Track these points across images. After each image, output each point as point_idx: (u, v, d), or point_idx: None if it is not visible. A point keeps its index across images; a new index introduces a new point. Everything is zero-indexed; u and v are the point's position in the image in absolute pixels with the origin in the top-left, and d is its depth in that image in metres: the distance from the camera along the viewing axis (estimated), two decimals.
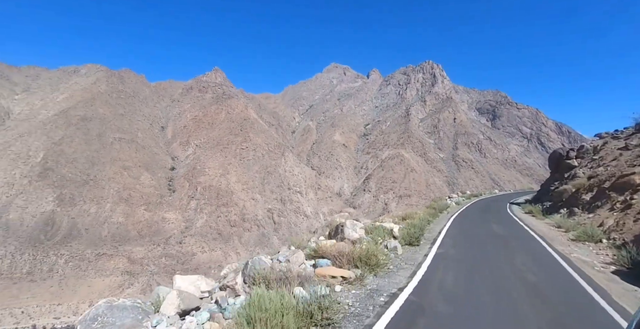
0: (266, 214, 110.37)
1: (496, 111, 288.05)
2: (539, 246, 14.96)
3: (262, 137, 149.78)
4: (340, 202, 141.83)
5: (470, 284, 9.08)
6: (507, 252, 13.53)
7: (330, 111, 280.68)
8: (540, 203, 30.83)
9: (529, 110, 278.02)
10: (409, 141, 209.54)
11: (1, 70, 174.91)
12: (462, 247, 14.35)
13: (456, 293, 8.20)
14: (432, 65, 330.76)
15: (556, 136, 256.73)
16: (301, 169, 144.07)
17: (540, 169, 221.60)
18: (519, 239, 16.57)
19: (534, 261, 12.00)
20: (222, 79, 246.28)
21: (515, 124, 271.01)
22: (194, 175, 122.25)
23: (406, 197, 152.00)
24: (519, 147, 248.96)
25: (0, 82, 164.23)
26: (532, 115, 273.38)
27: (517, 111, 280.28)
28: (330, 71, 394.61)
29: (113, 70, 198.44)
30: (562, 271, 10.75)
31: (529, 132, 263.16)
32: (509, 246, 14.77)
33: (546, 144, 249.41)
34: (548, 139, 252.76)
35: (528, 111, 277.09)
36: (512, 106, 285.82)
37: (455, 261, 11.89)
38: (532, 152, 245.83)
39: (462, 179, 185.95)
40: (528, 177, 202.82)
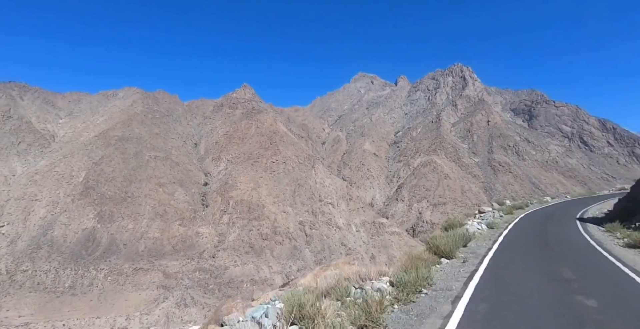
0: (298, 226, 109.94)
1: (532, 110, 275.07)
2: None
3: (291, 150, 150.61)
4: (373, 212, 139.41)
5: None
6: None
7: (359, 121, 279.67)
8: (635, 220, 20.01)
9: (568, 108, 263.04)
10: (442, 147, 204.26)
11: (47, 97, 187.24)
12: None
13: None
14: (462, 68, 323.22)
15: (600, 133, 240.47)
16: (332, 180, 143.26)
17: (585, 169, 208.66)
18: None
19: None
20: (251, 95, 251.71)
21: (554, 123, 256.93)
22: (226, 190, 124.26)
23: (441, 205, 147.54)
24: (559, 147, 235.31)
25: (47, 109, 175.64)
26: (572, 113, 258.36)
27: (555, 109, 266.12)
28: (358, 81, 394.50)
29: (148, 92, 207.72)
30: None
31: (569, 131, 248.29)
32: None
33: (589, 143, 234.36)
34: (591, 138, 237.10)
35: (567, 109, 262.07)
36: (550, 105, 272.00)
37: None
38: (574, 152, 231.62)
39: (500, 184, 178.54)
40: (572, 179, 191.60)
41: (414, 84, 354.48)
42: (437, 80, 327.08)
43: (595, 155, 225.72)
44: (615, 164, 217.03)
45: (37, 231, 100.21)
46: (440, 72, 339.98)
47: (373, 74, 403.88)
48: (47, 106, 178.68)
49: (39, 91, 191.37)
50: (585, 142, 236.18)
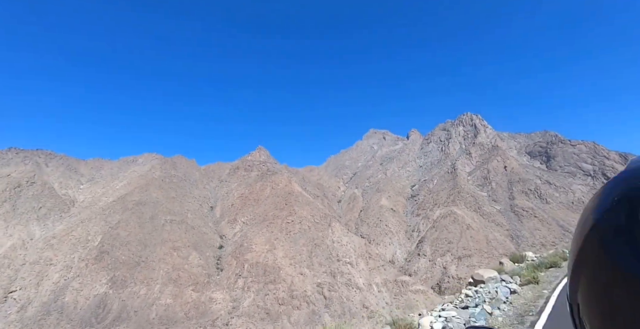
0: (316, 289, 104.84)
1: (549, 151, 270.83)
2: None
3: (307, 210, 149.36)
4: (394, 270, 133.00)
5: None
6: None
7: (374, 177, 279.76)
8: None
9: (585, 145, 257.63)
10: (460, 197, 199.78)
11: (71, 164, 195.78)
12: None
13: None
14: (471, 116, 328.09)
15: (623, 167, 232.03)
16: (349, 238, 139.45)
17: None
18: None
19: None
20: (265, 156, 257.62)
21: (574, 162, 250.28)
22: (241, 252, 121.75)
23: (466, 258, 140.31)
24: (583, 186, 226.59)
25: (69, 175, 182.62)
26: (589, 150, 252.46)
27: (572, 148, 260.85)
28: (370, 137, 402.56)
29: (167, 158, 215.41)
30: None
31: (590, 168, 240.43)
32: None
33: None
34: (614, 172, 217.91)
35: (585, 146, 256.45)
36: (566, 144, 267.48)
37: None
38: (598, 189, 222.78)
39: (527, 231, 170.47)
40: None
41: (425, 137, 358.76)
42: (449, 131, 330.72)
43: None
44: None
45: (49, 296, 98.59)
46: (451, 122, 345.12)
47: (385, 130, 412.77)
48: (70, 172, 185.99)
49: (63, 157, 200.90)
50: (609, 178, 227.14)
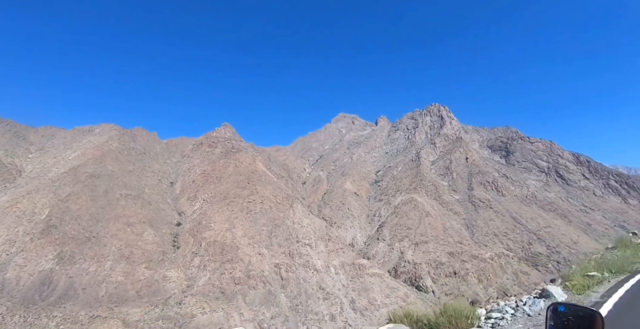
0: (273, 269, 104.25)
1: (509, 147, 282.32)
2: None
3: (269, 190, 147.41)
4: (353, 253, 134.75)
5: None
6: None
7: (340, 160, 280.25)
8: None
9: (542, 143, 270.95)
10: (422, 185, 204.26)
11: (19, 131, 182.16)
12: None
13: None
14: (439, 107, 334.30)
15: (575, 167, 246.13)
16: (311, 220, 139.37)
17: (564, 202, 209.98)
18: None
19: None
20: (231, 133, 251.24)
21: (531, 158, 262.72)
22: (199, 230, 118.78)
23: (423, 244, 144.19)
24: (537, 182, 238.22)
25: (17, 142, 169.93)
26: (546, 148, 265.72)
27: (530, 145, 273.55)
28: (339, 121, 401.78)
29: (126, 129, 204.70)
30: None
31: (545, 165, 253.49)
32: None
33: (566, 177, 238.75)
34: (567, 171, 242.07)
35: (542, 144, 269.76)
36: (525, 141, 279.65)
37: None
38: (552, 186, 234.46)
39: (482, 221, 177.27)
40: (552, 213, 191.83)
41: (393, 124, 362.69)
42: (416, 120, 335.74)
43: (572, 188, 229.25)
44: (592, 196, 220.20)
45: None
46: (419, 112, 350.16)
47: (354, 115, 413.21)
48: (17, 139, 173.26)
49: (10, 123, 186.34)
50: (562, 176, 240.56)
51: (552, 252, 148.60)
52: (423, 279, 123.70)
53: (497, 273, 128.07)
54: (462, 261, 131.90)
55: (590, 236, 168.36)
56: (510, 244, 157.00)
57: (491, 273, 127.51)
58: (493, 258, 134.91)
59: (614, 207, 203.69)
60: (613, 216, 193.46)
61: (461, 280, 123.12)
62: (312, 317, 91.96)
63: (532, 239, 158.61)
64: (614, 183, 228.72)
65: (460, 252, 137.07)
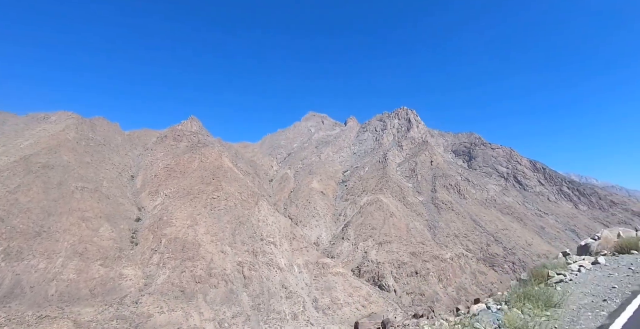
0: (236, 268, 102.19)
1: (471, 152, 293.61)
2: None
3: (235, 186, 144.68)
4: (317, 252, 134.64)
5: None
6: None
7: (308, 159, 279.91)
8: None
9: (503, 150, 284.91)
10: (387, 186, 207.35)
11: None
12: None
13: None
14: (407, 111, 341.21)
15: (532, 173, 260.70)
16: (276, 218, 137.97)
17: (521, 206, 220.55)
18: None
19: None
20: (197, 127, 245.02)
21: (491, 164, 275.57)
22: (159, 226, 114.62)
23: (386, 243, 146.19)
24: (496, 186, 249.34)
25: None
26: (506, 154, 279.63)
27: (491, 151, 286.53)
28: (309, 120, 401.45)
29: (85, 118, 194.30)
30: None
31: (505, 171, 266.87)
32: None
33: (523, 182, 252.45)
34: (524, 177, 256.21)
35: (502, 151, 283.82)
36: (487, 147, 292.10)
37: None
38: (510, 190, 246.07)
39: (443, 222, 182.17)
40: (509, 216, 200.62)
41: (362, 125, 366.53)
42: (384, 122, 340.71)
43: (528, 193, 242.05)
44: (546, 201, 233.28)
45: None
46: (387, 114, 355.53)
47: (324, 114, 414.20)
48: None
49: None
50: (519, 182, 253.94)
51: (508, 253, 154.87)
52: (385, 278, 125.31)
53: (456, 273, 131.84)
54: (424, 261, 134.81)
55: (543, 238, 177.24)
56: (469, 245, 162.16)
57: (451, 272, 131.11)
58: (453, 258, 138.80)
59: (565, 212, 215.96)
60: (564, 220, 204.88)
61: (422, 279, 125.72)
62: (274, 316, 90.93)
63: (490, 241, 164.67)
64: (566, 190, 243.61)
65: (422, 252, 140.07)
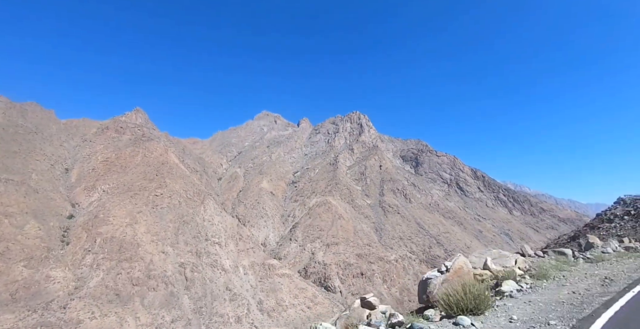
0: (177, 269, 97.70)
1: (418, 158, 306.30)
2: None
3: (180, 184, 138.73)
4: (264, 253, 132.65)
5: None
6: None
7: (259, 158, 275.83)
8: None
9: (447, 157, 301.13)
10: (337, 188, 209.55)
11: None
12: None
13: None
14: (359, 115, 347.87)
15: (473, 180, 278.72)
16: (223, 218, 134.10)
17: (461, 211, 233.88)
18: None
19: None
20: (143, 120, 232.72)
21: (436, 170, 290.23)
22: (95, 224, 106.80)
23: (334, 245, 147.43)
24: (440, 192, 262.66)
25: None
26: (450, 162, 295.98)
27: (437, 158, 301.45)
28: (261, 119, 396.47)
29: (15, 103, 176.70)
30: None
31: (448, 177, 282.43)
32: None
33: (464, 189, 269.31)
34: (466, 184, 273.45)
35: (447, 158, 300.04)
36: (433, 154, 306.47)
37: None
38: (452, 196, 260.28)
39: (389, 225, 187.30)
40: (450, 220, 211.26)
41: (315, 127, 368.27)
42: (337, 125, 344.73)
43: (469, 199, 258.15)
44: (484, 206, 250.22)
45: None
46: (340, 117, 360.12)
47: (277, 114, 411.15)
48: None
49: None
50: (461, 188, 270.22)
51: (448, 255, 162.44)
52: (332, 279, 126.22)
53: (400, 274, 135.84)
54: (369, 262, 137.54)
55: (480, 241, 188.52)
56: (413, 247, 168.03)
57: (395, 273, 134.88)
58: (397, 260, 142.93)
59: (501, 218, 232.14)
60: (500, 225, 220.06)
61: (367, 280, 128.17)
62: (216, 319, 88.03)
63: (432, 243, 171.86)
64: (502, 197, 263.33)
65: (368, 254, 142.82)
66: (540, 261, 17.12)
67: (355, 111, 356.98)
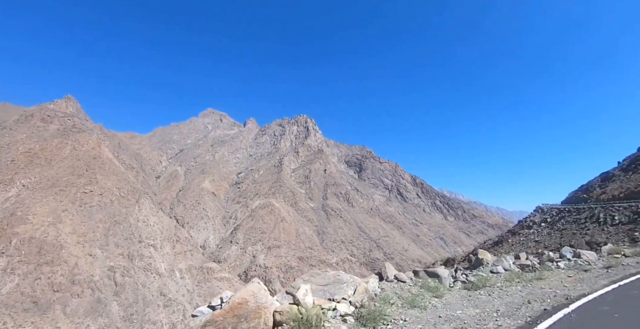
0: (106, 273, 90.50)
1: (362, 164, 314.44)
2: None
3: (113, 180, 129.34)
4: (202, 256, 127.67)
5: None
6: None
7: (201, 157, 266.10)
8: None
9: (389, 164, 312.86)
10: (281, 191, 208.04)
11: None
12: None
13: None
14: (306, 119, 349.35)
15: (412, 187, 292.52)
16: (159, 218, 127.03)
17: (401, 216, 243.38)
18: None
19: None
20: (74, 109, 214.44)
21: (379, 176, 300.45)
22: (10, 223, 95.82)
23: (275, 248, 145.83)
24: (381, 197, 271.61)
25: None
26: (392, 168, 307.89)
27: (379, 164, 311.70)
28: (207, 116, 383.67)
29: None
30: None
31: (390, 183, 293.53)
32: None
33: (404, 194, 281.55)
34: (406, 190, 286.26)
35: (389, 165, 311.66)
36: (376, 160, 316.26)
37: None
38: (392, 201, 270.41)
39: (332, 228, 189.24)
40: (390, 224, 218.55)
41: (262, 128, 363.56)
42: (284, 127, 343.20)
43: (408, 204, 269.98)
44: (422, 212, 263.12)
45: None
46: (287, 120, 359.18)
47: (223, 112, 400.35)
48: None
49: None
50: (401, 194, 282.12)
51: (387, 258, 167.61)
52: (272, 283, 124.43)
53: None
54: (311, 265, 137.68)
55: (417, 245, 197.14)
56: (354, 250, 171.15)
57: None
58: (338, 263, 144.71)
59: (437, 223, 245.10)
60: (435, 230, 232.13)
61: None
62: (148, 327, 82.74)
63: (372, 247, 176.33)
64: (439, 203, 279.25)
65: (310, 257, 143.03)
66: (399, 288, 13.06)
67: (302, 114, 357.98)
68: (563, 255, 19.78)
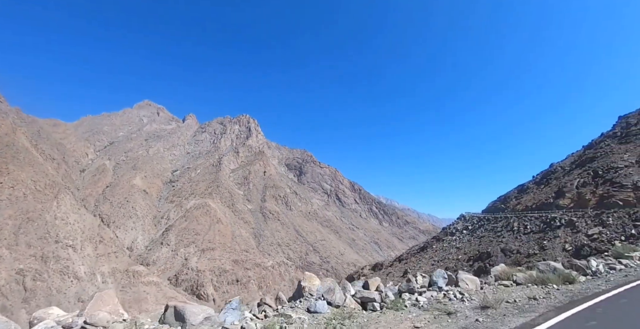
0: (14, 277, 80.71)
1: (302, 168, 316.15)
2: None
3: (29, 172, 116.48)
4: (129, 258, 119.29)
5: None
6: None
7: (134, 152, 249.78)
8: None
9: (329, 169, 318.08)
10: (218, 191, 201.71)
11: None
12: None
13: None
14: (249, 119, 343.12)
15: (350, 192, 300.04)
16: (81, 216, 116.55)
17: (338, 220, 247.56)
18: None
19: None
20: None
21: (318, 180, 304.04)
22: None
23: (209, 250, 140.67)
24: (320, 201, 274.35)
25: None
26: (332, 173, 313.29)
27: (320, 169, 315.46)
28: (142, 108, 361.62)
29: None
30: None
31: (329, 188, 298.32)
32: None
33: (342, 200, 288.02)
34: (344, 195, 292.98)
35: (329, 170, 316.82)
36: (316, 165, 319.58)
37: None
38: (331, 206, 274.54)
39: (269, 231, 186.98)
40: (327, 228, 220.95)
41: (202, 125, 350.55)
42: (225, 126, 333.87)
43: (345, 209, 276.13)
44: (359, 217, 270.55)
45: None
46: (229, 118, 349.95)
47: (161, 106, 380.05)
48: None
49: None
50: (340, 199, 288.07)
51: (323, 261, 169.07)
52: (205, 287, 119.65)
53: (276, 280, 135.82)
54: (246, 268, 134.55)
55: (353, 249, 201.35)
56: (290, 253, 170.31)
57: (271, 280, 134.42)
58: (274, 266, 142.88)
59: (372, 228, 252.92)
60: (371, 234, 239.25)
61: (243, 287, 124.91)
62: None
63: (309, 250, 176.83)
64: (375, 209, 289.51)
65: (245, 260, 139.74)
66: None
67: (245, 114, 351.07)
68: (434, 282, 12.73)
